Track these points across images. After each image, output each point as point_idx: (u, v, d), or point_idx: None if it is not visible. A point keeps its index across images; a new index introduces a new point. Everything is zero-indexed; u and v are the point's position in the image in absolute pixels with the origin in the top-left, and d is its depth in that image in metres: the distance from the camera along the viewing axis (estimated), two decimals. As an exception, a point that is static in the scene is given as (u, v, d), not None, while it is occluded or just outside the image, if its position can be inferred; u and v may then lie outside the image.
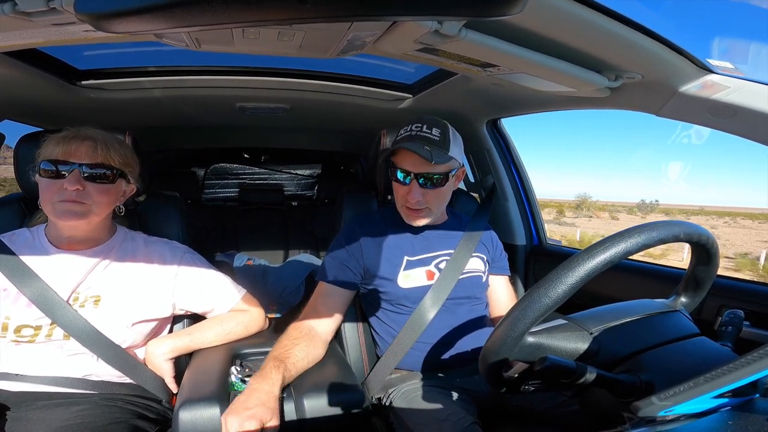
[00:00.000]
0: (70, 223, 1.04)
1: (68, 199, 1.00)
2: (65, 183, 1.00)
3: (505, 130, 1.87)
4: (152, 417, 1.09)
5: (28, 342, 1.00)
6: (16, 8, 0.64)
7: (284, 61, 1.48)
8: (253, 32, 0.86)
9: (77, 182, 1.00)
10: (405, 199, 1.20)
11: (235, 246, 2.59)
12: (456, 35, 0.80)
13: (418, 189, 1.17)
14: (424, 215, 1.22)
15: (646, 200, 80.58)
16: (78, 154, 1.02)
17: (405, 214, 1.24)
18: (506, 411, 1.18)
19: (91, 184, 1.03)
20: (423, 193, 1.17)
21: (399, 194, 1.23)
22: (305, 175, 3.27)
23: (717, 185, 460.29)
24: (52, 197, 1.01)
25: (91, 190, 1.03)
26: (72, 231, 1.08)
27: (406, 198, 1.19)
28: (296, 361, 1.05)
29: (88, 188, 1.03)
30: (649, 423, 0.53)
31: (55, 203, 1.01)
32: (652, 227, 0.62)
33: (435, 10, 0.36)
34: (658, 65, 0.91)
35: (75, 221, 1.03)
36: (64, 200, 1.00)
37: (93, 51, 1.38)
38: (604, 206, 73.02)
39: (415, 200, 1.18)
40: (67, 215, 1.02)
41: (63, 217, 1.02)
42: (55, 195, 1.01)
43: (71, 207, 1.01)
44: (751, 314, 1.11)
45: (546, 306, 0.60)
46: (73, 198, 1.01)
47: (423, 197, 1.18)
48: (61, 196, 1.00)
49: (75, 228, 1.07)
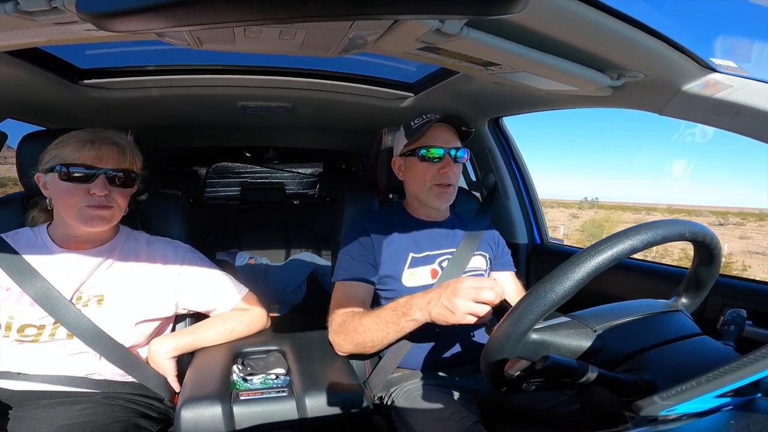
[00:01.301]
0: (97, 228, 1.05)
1: (96, 205, 1.01)
2: (93, 188, 1.01)
3: (507, 129, 1.87)
4: (154, 416, 1.09)
5: (32, 341, 1.01)
6: (18, 7, 0.64)
7: (286, 60, 1.48)
8: (254, 31, 0.86)
9: (105, 188, 1.01)
10: (440, 176, 1.24)
11: (237, 245, 2.60)
12: (458, 34, 0.80)
13: (452, 163, 1.24)
14: (452, 192, 1.28)
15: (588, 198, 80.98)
16: (106, 159, 1.02)
17: (436, 193, 1.26)
18: (507, 410, 1.17)
19: (116, 189, 1.04)
20: (455, 167, 1.26)
21: (428, 174, 1.25)
22: (307, 173, 3.27)
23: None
24: (78, 202, 1.01)
25: (115, 195, 1.04)
26: (88, 233, 1.08)
27: (442, 174, 1.24)
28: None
29: (113, 193, 1.04)
30: (651, 422, 0.53)
31: (82, 208, 1.01)
32: (658, 225, 0.62)
33: (437, 9, 0.36)
34: (660, 64, 0.91)
35: (102, 226, 1.04)
36: (92, 205, 1.01)
37: (95, 50, 1.38)
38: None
39: (452, 172, 1.24)
40: (95, 220, 1.02)
41: (90, 222, 1.02)
42: (82, 199, 1.01)
43: (100, 212, 1.02)
44: (753, 313, 1.10)
45: (552, 301, 0.60)
46: (102, 203, 1.02)
47: (455, 172, 1.26)
48: (88, 201, 1.01)
49: (93, 231, 1.07)
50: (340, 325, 1.13)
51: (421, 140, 1.25)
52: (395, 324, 1.03)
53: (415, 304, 1.00)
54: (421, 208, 1.33)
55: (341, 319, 1.14)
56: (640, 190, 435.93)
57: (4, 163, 11.40)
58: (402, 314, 1.01)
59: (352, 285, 1.22)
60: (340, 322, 1.14)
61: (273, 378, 1.06)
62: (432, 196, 1.27)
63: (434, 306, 0.95)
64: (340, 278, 1.24)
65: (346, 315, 1.14)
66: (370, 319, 1.07)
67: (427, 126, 1.22)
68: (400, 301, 1.04)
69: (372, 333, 1.06)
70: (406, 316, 1.01)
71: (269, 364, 1.10)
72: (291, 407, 0.97)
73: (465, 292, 0.89)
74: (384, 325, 1.04)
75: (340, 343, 1.14)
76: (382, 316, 1.05)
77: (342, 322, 1.13)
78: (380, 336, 1.06)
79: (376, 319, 1.06)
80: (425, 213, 1.34)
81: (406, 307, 1.01)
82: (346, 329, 1.11)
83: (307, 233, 2.68)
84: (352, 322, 1.10)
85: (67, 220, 1.05)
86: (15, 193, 1.31)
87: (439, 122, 1.24)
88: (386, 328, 1.04)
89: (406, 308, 1.01)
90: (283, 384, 1.04)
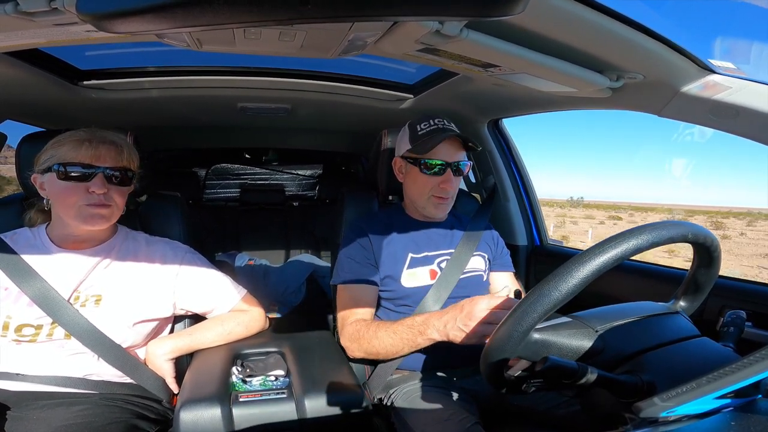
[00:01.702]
0: (96, 227, 1.05)
1: (96, 203, 1.02)
2: (91, 186, 1.01)
3: (507, 131, 1.87)
4: (153, 417, 1.09)
5: (29, 341, 1.00)
6: (18, 8, 0.64)
7: (285, 61, 1.49)
8: (254, 32, 0.86)
9: (104, 186, 1.02)
10: (439, 189, 1.24)
11: (236, 246, 2.60)
12: (457, 35, 0.80)
13: (452, 177, 1.24)
14: (449, 203, 1.29)
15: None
16: (104, 158, 1.03)
17: (434, 204, 1.27)
18: (507, 411, 1.17)
19: (114, 187, 1.05)
20: (455, 180, 1.27)
21: (428, 186, 1.26)
22: (306, 175, 3.27)
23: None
24: (77, 201, 1.01)
25: (113, 194, 1.05)
26: (87, 233, 1.09)
27: (442, 188, 1.24)
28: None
29: (111, 191, 1.04)
30: (651, 424, 0.53)
31: (81, 206, 1.01)
32: (662, 226, 0.62)
33: (436, 11, 0.36)
34: (659, 65, 0.91)
35: (101, 225, 1.05)
36: (91, 204, 1.01)
37: (94, 51, 1.38)
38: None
39: (452, 188, 1.25)
40: (95, 218, 1.03)
41: (89, 221, 1.03)
42: (81, 198, 1.01)
43: (99, 211, 1.02)
44: (753, 315, 1.10)
45: (555, 300, 0.59)
46: (101, 202, 1.02)
47: (453, 186, 1.27)
48: (87, 200, 1.01)
49: (92, 230, 1.08)
50: (353, 334, 1.16)
51: (426, 152, 1.24)
52: (411, 341, 1.07)
53: (432, 326, 1.03)
54: (419, 211, 1.34)
55: (354, 329, 1.16)
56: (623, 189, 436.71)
57: (5, 162, 11.40)
58: (419, 333, 1.05)
59: (358, 288, 1.23)
60: (352, 331, 1.16)
61: (272, 379, 1.06)
62: (429, 205, 1.28)
63: (451, 329, 0.98)
64: (342, 280, 1.25)
65: (360, 324, 1.16)
66: (386, 333, 1.10)
67: (436, 141, 1.20)
68: (417, 319, 1.07)
69: (387, 347, 1.11)
70: (423, 336, 1.05)
71: (269, 366, 1.10)
72: (290, 409, 0.97)
73: (480, 315, 0.92)
74: (399, 341, 1.08)
75: (353, 351, 1.17)
76: (398, 332, 1.09)
77: (355, 331, 1.16)
78: (395, 350, 1.11)
79: (392, 334, 1.09)
80: (424, 215, 1.34)
81: (422, 327, 1.05)
82: (360, 339, 1.14)
83: (307, 235, 2.68)
84: (366, 333, 1.13)
85: (66, 220, 1.05)
86: (14, 194, 1.31)
87: (451, 134, 1.22)
88: (401, 344, 1.09)
89: (422, 327, 1.05)
90: (283, 385, 1.04)
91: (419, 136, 1.25)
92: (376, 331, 1.12)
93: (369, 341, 1.12)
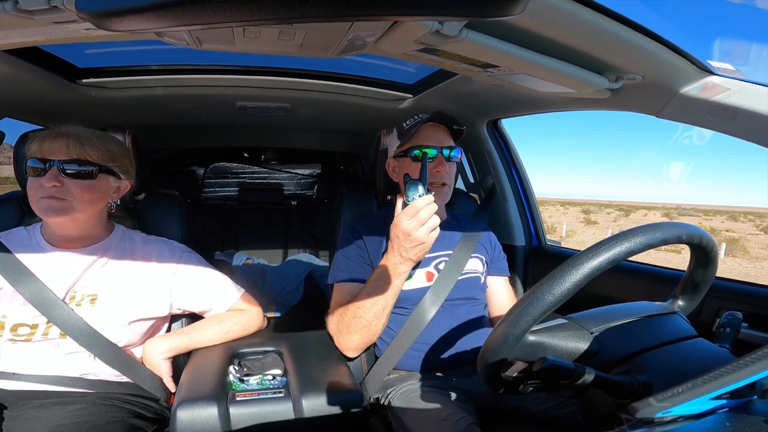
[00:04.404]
0: (53, 219, 1.05)
1: (47, 196, 1.01)
2: (43, 180, 1.01)
3: (505, 131, 1.87)
4: (150, 416, 1.08)
5: (25, 341, 1.00)
6: (18, 6, 0.64)
7: (285, 60, 1.48)
8: (254, 31, 0.86)
9: (54, 179, 1.01)
10: (432, 175, 1.25)
11: (235, 245, 2.59)
12: (457, 36, 0.80)
13: (444, 162, 1.25)
14: (446, 191, 1.28)
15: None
16: (54, 151, 1.02)
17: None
18: (504, 412, 1.17)
19: (71, 181, 1.03)
20: (449, 166, 1.26)
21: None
22: (305, 174, 3.26)
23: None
24: (35, 194, 1.02)
25: (71, 187, 1.03)
26: (62, 229, 1.08)
27: (435, 173, 1.24)
28: None
29: (68, 185, 1.03)
30: (647, 424, 0.53)
31: (38, 200, 1.02)
32: (656, 228, 0.62)
33: (436, 11, 0.36)
34: (658, 66, 0.91)
35: (56, 218, 1.04)
36: (44, 197, 1.01)
37: (93, 49, 1.38)
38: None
39: (446, 171, 1.25)
40: (48, 212, 1.02)
41: (45, 213, 1.03)
42: (38, 192, 1.02)
43: (50, 203, 1.02)
44: (749, 316, 1.11)
45: (549, 303, 0.60)
46: (52, 194, 1.01)
47: (448, 171, 1.26)
48: (41, 193, 1.01)
49: (62, 225, 1.07)
50: (338, 324, 1.16)
51: (413, 140, 1.25)
52: (389, 287, 1.11)
53: (393, 265, 1.10)
54: None
55: (337, 319, 1.17)
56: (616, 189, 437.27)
57: (8, 163, 11.36)
58: (391, 276, 1.10)
59: (352, 286, 1.22)
60: (336, 321, 1.17)
61: (270, 379, 1.06)
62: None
63: (406, 253, 1.06)
64: (338, 279, 1.25)
65: (338, 314, 1.18)
66: (362, 300, 1.13)
67: (417, 126, 1.22)
68: (377, 272, 1.13)
69: (370, 309, 1.12)
70: (396, 277, 1.10)
71: (266, 365, 1.10)
72: (287, 408, 0.97)
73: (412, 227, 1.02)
74: (379, 295, 1.11)
75: (348, 341, 1.18)
76: (371, 291, 1.12)
77: (338, 320, 1.17)
78: (380, 307, 1.12)
79: (366, 297, 1.12)
80: None
81: (389, 271, 1.10)
82: (346, 322, 1.15)
83: (305, 234, 2.68)
84: (346, 313, 1.15)
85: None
86: (12, 193, 1.31)
87: (430, 122, 1.24)
88: (383, 296, 1.11)
89: (390, 271, 1.10)
90: (280, 385, 1.04)
91: (405, 131, 1.27)
92: (354, 307, 1.14)
93: (354, 316, 1.14)
